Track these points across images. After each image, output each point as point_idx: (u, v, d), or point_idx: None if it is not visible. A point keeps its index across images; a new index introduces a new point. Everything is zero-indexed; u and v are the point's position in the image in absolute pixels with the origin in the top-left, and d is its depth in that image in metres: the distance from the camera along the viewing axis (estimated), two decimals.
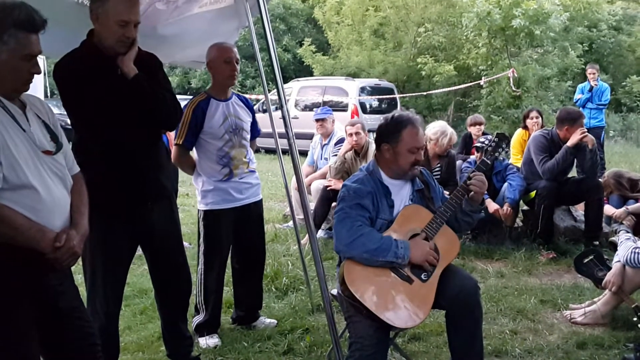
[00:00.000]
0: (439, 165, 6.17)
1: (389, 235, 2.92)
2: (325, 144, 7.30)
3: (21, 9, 2.20)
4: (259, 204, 4.15)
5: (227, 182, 3.91)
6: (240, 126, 3.95)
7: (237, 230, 4.04)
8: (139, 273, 5.23)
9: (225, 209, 3.92)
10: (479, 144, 6.05)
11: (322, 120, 7.24)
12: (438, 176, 5.99)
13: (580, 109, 10.32)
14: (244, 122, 4.00)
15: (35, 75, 2.35)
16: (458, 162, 6.39)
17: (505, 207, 5.93)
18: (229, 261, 4.18)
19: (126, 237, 3.14)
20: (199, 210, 4.00)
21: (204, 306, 4.00)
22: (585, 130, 5.81)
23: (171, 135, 4.62)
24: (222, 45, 3.91)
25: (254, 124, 4.17)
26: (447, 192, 3.56)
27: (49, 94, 15.57)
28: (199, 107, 3.82)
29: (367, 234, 2.86)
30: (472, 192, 3.06)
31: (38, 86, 10.11)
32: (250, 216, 4.06)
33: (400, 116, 3.11)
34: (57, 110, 5.13)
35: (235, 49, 3.95)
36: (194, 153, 4.00)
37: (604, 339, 3.84)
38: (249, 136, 4.06)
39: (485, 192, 3.26)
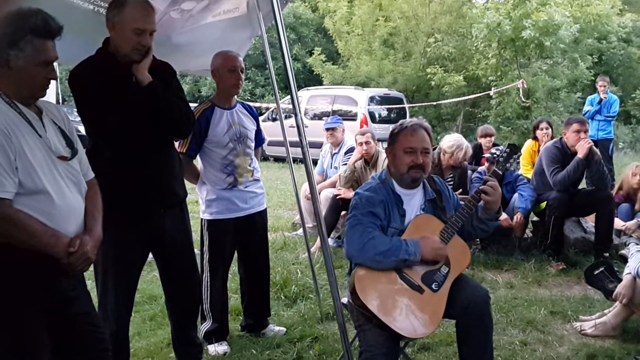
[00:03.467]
0: (451, 175, 6.18)
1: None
2: (335, 153, 7.31)
3: (37, 15, 2.24)
4: (263, 214, 4.14)
5: (231, 190, 3.91)
6: (244, 134, 3.95)
7: (242, 240, 4.05)
8: (148, 279, 5.23)
9: (229, 218, 3.93)
10: (489, 155, 6.05)
11: (333, 129, 7.26)
12: (450, 187, 5.98)
13: (589, 120, 10.30)
14: (249, 130, 4.00)
15: None
16: (468, 173, 6.38)
17: (517, 216, 5.90)
18: (235, 269, 4.18)
19: (138, 243, 3.15)
20: (202, 219, 4.00)
21: (210, 313, 4.00)
22: (590, 140, 5.83)
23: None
24: (227, 53, 3.90)
25: (259, 132, 4.17)
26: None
27: (60, 101, 15.68)
28: (203, 115, 3.82)
29: (377, 237, 2.87)
30: (485, 200, 3.04)
31: (50, 92, 10.15)
32: (255, 226, 4.06)
33: (404, 121, 3.20)
34: (70, 117, 5.17)
35: (240, 58, 3.95)
36: (198, 162, 4.01)
37: (615, 351, 3.82)
38: (253, 144, 4.06)
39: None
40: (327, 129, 7.31)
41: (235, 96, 4.04)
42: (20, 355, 2.25)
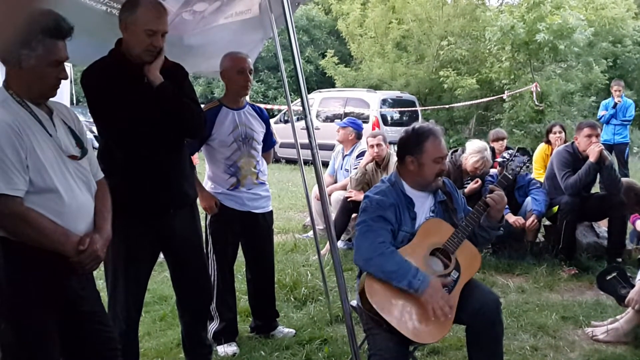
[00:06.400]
0: (469, 179, 6.14)
1: (411, 261, 2.84)
2: (347, 155, 7.29)
3: (48, 16, 2.26)
4: (267, 216, 4.12)
5: (233, 191, 3.91)
6: (250, 136, 3.93)
7: (245, 238, 4.06)
8: (159, 280, 5.25)
9: (231, 207, 3.90)
10: (501, 159, 6.01)
11: (343, 127, 7.27)
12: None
13: (604, 125, 10.24)
14: (255, 132, 3.98)
15: (62, 82, 2.40)
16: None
17: (531, 219, 5.82)
18: (243, 269, 4.18)
19: (148, 244, 3.16)
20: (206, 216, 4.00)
21: (217, 313, 4.00)
22: (601, 145, 5.79)
23: None
24: (236, 55, 3.90)
25: (269, 135, 4.16)
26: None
27: (74, 101, 15.77)
28: (208, 114, 3.77)
29: (387, 255, 2.82)
30: (489, 207, 3.02)
31: (64, 93, 10.13)
32: (258, 226, 4.05)
33: (422, 127, 3.11)
34: (83, 117, 5.19)
35: (250, 59, 3.94)
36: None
37: (626, 358, 3.79)
38: (259, 147, 4.04)
39: (507, 206, 3.22)
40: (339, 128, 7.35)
41: (247, 97, 4.04)
42: (32, 351, 2.27)
